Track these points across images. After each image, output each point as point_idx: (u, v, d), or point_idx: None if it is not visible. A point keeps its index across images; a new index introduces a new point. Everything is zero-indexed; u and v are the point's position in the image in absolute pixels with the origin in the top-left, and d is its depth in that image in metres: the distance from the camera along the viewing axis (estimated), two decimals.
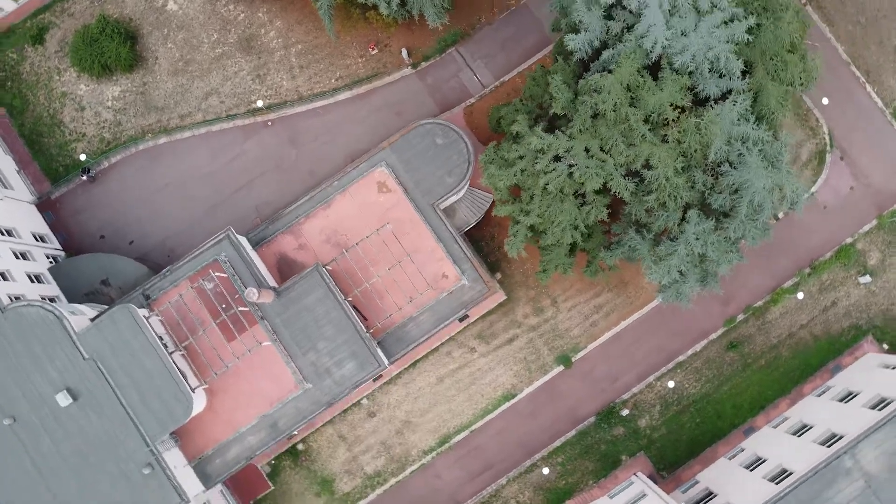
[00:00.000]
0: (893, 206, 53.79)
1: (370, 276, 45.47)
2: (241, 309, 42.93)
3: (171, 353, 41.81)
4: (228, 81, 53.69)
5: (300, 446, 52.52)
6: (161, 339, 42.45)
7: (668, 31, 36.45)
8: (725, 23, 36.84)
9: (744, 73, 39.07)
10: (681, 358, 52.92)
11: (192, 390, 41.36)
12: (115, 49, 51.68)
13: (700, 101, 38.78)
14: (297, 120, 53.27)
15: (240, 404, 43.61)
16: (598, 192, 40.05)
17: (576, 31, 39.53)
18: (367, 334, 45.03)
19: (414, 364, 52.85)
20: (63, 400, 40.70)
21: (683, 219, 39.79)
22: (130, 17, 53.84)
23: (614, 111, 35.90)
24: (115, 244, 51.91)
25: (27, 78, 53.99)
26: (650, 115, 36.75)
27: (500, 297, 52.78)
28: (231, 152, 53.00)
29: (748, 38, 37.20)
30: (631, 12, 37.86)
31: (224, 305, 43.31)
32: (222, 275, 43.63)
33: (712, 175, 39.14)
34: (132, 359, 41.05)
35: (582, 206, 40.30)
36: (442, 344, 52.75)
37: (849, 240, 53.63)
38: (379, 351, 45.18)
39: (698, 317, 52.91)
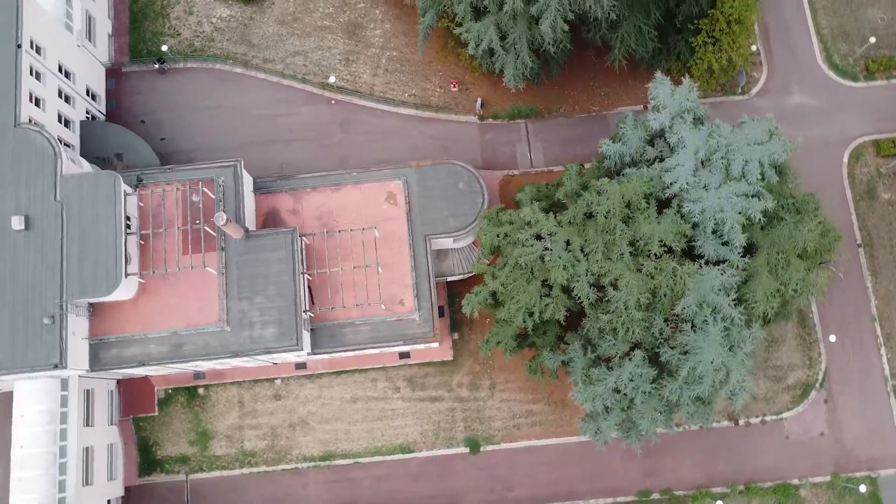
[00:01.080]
0: (854, 473, 51.53)
1: (335, 266, 46.32)
2: (207, 229, 44.33)
3: (127, 234, 43.34)
4: (319, 51, 56.85)
5: (201, 391, 52.75)
6: (128, 218, 44.15)
7: (692, 177, 37.06)
8: (747, 195, 37.20)
9: (747, 251, 39.05)
10: (580, 502, 51.12)
11: (126, 275, 42.56)
12: None
13: (692, 255, 38.84)
14: (357, 111, 55.72)
15: (160, 311, 44.48)
16: (564, 291, 40.14)
17: (615, 140, 40.62)
18: (305, 314, 45.58)
19: (338, 373, 52.85)
20: (17, 224, 42.50)
21: (629, 355, 39.35)
22: None
23: (605, 218, 36.38)
24: (149, 133, 54.66)
25: None
26: (637, 241, 37.03)
27: (447, 355, 52.68)
28: (287, 109, 55.67)
29: (762, 220, 37.38)
30: (669, 146, 38.73)
31: (197, 221, 44.81)
32: (210, 194, 45.33)
33: (672, 327, 38.79)
34: (93, 220, 42.73)
35: (545, 296, 40.38)
36: (372, 368, 52.70)
37: (795, 481, 51.50)
38: (306, 334, 45.55)
39: (616, 473, 51.35)
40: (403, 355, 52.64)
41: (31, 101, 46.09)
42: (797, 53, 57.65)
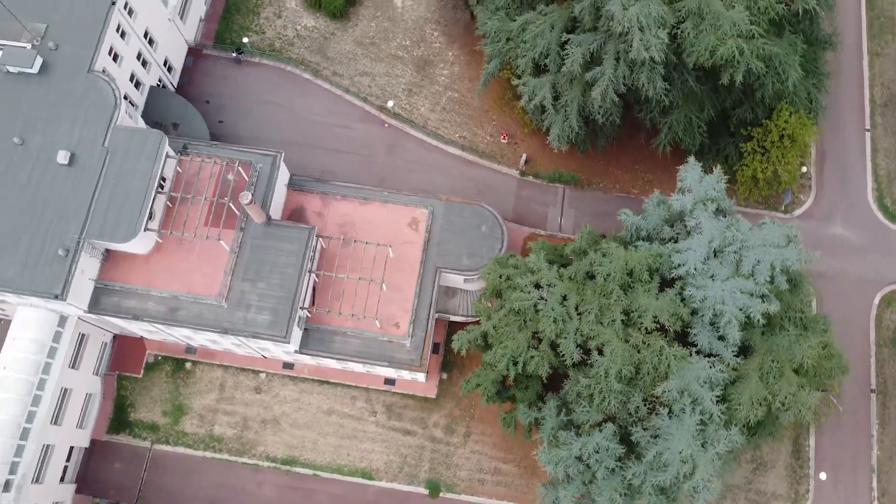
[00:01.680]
0: None
1: (342, 272, 47.14)
2: (232, 207, 45.87)
3: (158, 192, 45.19)
4: (386, 77, 59.18)
5: (188, 365, 53.56)
6: (163, 179, 46.09)
7: (700, 264, 36.94)
8: (752, 294, 36.78)
9: (742, 351, 38.34)
10: None
11: (146, 229, 44.20)
12: None
13: (686, 342, 38.31)
14: (406, 139, 57.46)
15: (167, 272, 45.77)
16: (552, 347, 39.95)
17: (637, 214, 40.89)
18: (302, 311, 46.29)
19: (322, 382, 53.08)
20: (62, 158, 44.79)
21: (600, 426, 38.64)
22: None
23: (605, 280, 36.38)
24: (209, 113, 57.31)
25: None
26: (632, 311, 36.83)
27: (431, 392, 52.48)
28: (342, 121, 57.80)
29: (762, 323, 36.79)
30: (687, 230, 38.79)
31: (225, 197, 46.44)
32: (245, 176, 47.07)
33: (649, 408, 38.03)
34: (131, 172, 44.73)
35: (533, 348, 40.22)
36: (355, 386, 52.79)
37: None
38: (297, 330, 46.17)
39: None
40: (388, 381, 52.65)
41: (109, 54, 49.08)
42: (849, 186, 57.34)
